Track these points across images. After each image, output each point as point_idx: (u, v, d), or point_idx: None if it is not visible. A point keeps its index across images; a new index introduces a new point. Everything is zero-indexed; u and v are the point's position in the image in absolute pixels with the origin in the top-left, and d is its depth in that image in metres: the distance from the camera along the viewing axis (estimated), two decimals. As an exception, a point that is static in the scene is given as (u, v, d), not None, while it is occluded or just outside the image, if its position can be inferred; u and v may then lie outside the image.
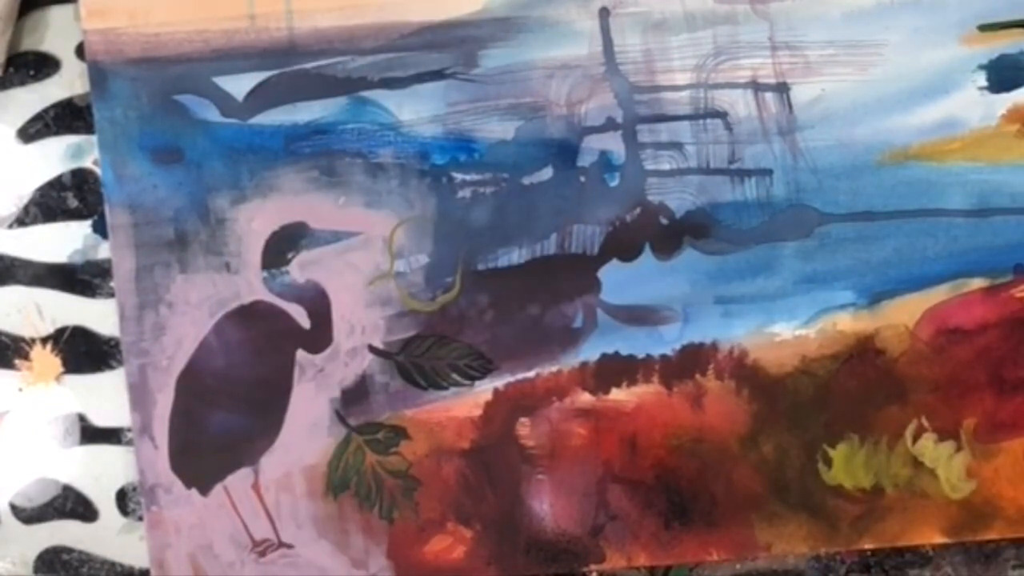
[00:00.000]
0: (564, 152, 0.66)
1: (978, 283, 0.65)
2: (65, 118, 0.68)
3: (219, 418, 0.66)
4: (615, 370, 0.66)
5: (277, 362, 0.67)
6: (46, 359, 0.68)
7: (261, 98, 0.66)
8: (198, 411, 0.66)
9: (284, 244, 0.66)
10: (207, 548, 0.67)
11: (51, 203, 0.68)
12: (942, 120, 0.65)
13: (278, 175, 0.66)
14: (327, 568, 0.67)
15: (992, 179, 0.65)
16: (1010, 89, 0.65)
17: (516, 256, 0.66)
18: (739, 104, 0.65)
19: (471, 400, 0.67)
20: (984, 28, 0.64)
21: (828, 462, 0.65)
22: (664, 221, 0.66)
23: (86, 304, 0.68)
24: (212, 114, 0.66)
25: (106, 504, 0.68)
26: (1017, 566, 0.67)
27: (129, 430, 0.67)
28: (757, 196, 0.65)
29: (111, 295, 0.67)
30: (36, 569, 0.68)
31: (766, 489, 0.66)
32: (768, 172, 0.65)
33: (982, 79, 0.65)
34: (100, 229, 0.67)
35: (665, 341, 0.66)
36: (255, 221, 0.66)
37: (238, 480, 0.67)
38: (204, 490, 0.67)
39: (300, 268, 0.66)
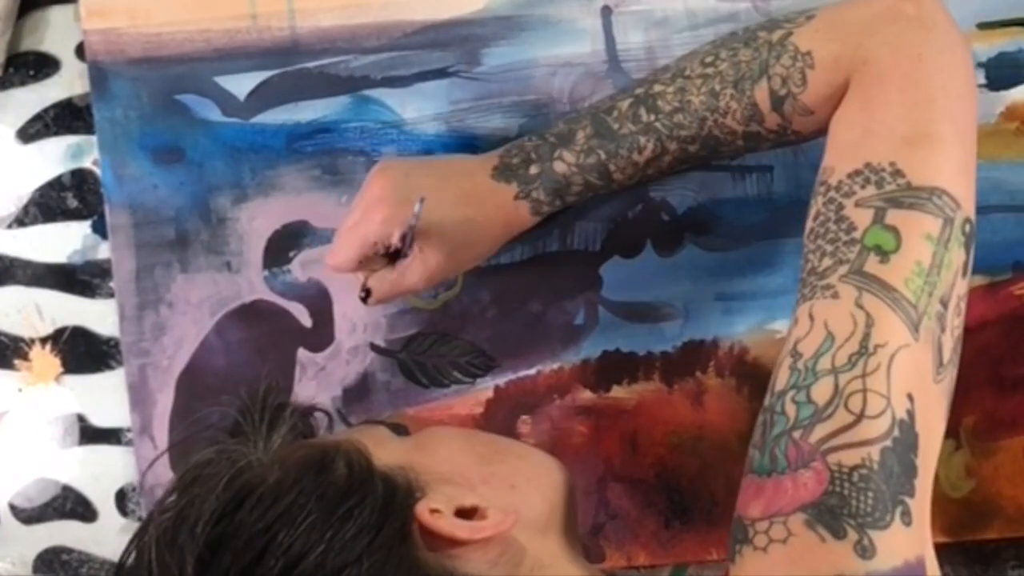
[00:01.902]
0: (565, 150, 0.66)
1: (977, 281, 0.65)
2: (65, 118, 0.67)
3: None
4: (616, 367, 0.66)
5: (278, 361, 0.66)
6: (46, 359, 0.68)
7: (263, 97, 0.66)
8: (198, 411, 0.66)
9: (286, 243, 0.66)
10: (207, 548, 0.66)
11: (51, 203, 0.67)
12: (941, 118, 0.65)
13: (280, 174, 0.66)
14: (328, 567, 0.66)
15: (991, 176, 0.65)
16: (1008, 87, 0.65)
17: (518, 253, 0.66)
18: (739, 103, 0.65)
19: (472, 398, 0.67)
20: (983, 26, 0.65)
21: (828, 460, 0.65)
22: (665, 217, 0.66)
23: (86, 304, 0.68)
24: (214, 113, 0.66)
25: (106, 504, 0.68)
26: (1017, 566, 0.67)
27: (129, 430, 0.67)
28: (758, 192, 0.66)
29: (111, 295, 0.67)
30: (36, 569, 0.68)
31: (767, 487, 0.66)
32: (769, 169, 0.66)
33: (981, 77, 0.65)
34: (100, 229, 0.67)
35: (666, 338, 0.66)
36: (256, 220, 0.66)
37: (239, 479, 0.66)
38: (205, 489, 0.66)
39: (302, 267, 0.66)
